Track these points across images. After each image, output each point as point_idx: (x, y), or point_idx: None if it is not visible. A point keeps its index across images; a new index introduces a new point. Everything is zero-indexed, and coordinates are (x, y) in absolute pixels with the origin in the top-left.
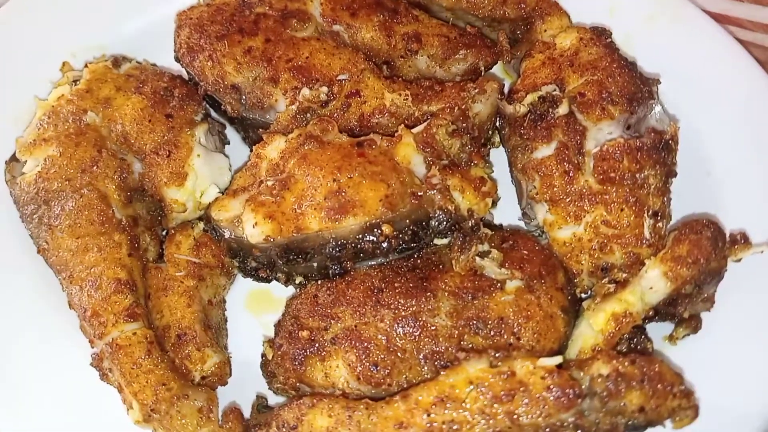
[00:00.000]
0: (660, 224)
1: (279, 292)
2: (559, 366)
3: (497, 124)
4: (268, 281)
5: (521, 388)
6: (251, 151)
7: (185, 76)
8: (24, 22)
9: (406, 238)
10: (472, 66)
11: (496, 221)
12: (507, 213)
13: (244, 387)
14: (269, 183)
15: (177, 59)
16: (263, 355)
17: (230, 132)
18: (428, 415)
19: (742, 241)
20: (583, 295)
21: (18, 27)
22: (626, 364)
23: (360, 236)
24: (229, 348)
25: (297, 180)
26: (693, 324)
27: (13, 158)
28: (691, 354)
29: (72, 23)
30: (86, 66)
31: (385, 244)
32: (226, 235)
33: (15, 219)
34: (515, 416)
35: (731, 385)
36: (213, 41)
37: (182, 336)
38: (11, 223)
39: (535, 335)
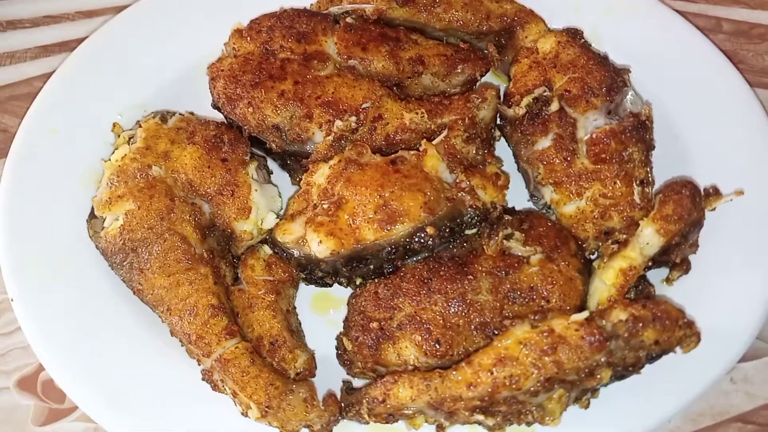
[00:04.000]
0: (647, 190)
1: (337, 293)
2: (587, 319)
3: (497, 122)
4: (331, 285)
5: (561, 341)
6: (290, 176)
7: (220, 119)
8: (75, 89)
9: (446, 234)
10: (469, 77)
11: (509, 205)
12: (518, 197)
13: (326, 376)
14: (324, 206)
15: (215, 107)
16: (337, 348)
17: (270, 162)
18: (491, 374)
19: (714, 193)
20: (592, 257)
21: (70, 95)
22: (639, 308)
23: (409, 239)
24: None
25: (347, 200)
26: (684, 267)
27: (92, 216)
28: (686, 291)
29: (116, 87)
30: (138, 125)
31: (430, 242)
32: (295, 254)
33: (104, 269)
34: (560, 363)
35: (721, 310)
36: (249, 89)
37: (274, 343)
38: (101, 271)
39: (561, 296)
